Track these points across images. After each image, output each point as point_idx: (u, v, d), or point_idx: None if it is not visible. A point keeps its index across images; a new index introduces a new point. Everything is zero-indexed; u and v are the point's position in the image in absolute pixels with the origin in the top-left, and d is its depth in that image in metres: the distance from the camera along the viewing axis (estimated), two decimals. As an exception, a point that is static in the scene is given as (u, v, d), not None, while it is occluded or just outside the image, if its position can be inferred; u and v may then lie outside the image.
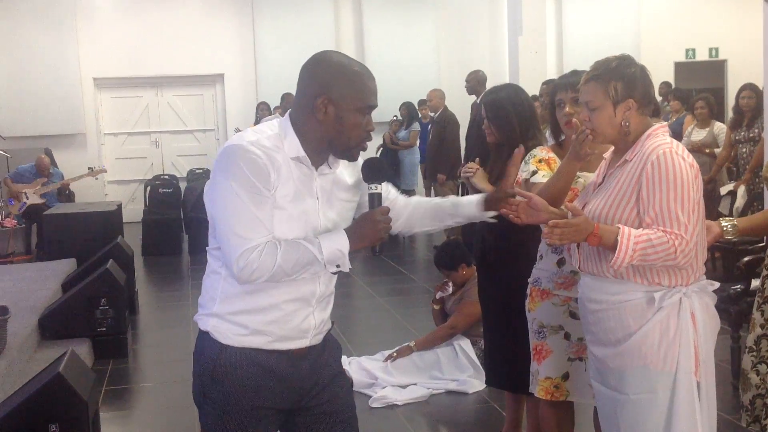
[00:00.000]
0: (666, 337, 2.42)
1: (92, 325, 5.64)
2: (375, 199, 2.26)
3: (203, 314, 2.26)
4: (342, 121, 2.16)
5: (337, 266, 2.15)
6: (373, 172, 2.26)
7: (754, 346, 2.77)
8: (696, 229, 2.41)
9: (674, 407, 2.42)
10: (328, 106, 2.15)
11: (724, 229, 2.77)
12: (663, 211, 2.38)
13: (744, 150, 7.57)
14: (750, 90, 7.59)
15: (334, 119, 2.16)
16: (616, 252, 2.35)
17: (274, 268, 2.07)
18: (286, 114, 2.27)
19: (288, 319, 2.20)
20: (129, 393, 5.16)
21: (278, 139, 2.16)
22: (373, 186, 2.25)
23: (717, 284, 2.52)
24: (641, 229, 2.40)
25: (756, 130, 7.46)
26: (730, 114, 9.13)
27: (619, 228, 2.38)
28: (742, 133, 7.56)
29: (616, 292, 2.50)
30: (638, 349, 2.45)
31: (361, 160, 2.29)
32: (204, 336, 2.24)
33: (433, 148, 9.63)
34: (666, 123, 2.68)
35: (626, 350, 2.47)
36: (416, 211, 2.48)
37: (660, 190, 2.40)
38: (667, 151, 2.44)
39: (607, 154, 2.76)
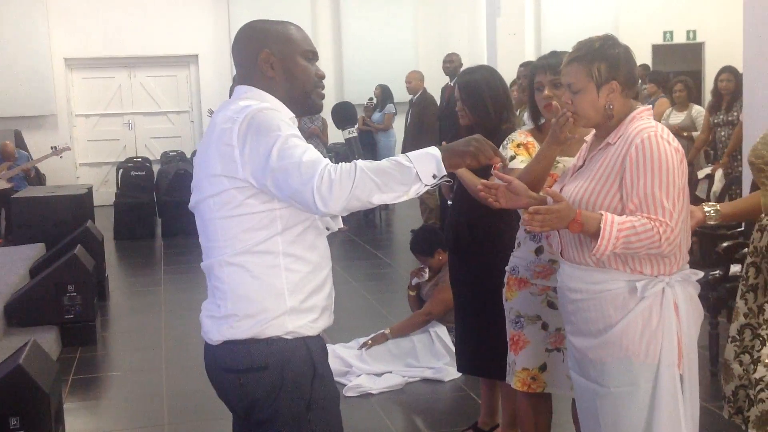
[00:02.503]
0: (648, 328, 2.34)
1: (60, 312, 5.50)
2: (353, 143, 2.23)
3: (270, 319, 2.05)
4: (291, 72, 2.15)
5: (434, 176, 1.98)
6: (343, 116, 2.27)
7: (737, 336, 2.70)
8: (681, 216, 2.32)
9: (656, 400, 2.34)
10: (273, 60, 2.14)
11: (707, 214, 2.68)
12: (647, 197, 2.29)
13: (723, 133, 7.53)
14: (729, 73, 7.54)
15: (282, 72, 2.15)
16: (599, 239, 2.25)
17: (355, 178, 1.92)
18: (247, 88, 2.17)
19: (331, 292, 2.22)
20: (97, 382, 5.03)
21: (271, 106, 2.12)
22: (347, 131, 2.23)
23: (701, 273, 2.43)
24: (624, 215, 2.31)
25: (734, 114, 7.41)
26: (707, 97, 9.09)
27: (602, 214, 2.29)
28: (721, 116, 7.52)
29: (597, 281, 2.40)
30: (619, 341, 2.36)
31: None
32: (277, 342, 2.06)
33: (412, 130, 9.47)
34: (650, 106, 2.59)
35: (607, 341, 2.38)
36: None
37: (644, 175, 2.30)
38: (651, 135, 2.34)
39: (588, 138, 2.66)
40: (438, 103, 9.41)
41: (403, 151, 9.57)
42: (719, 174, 7.06)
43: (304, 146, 1.99)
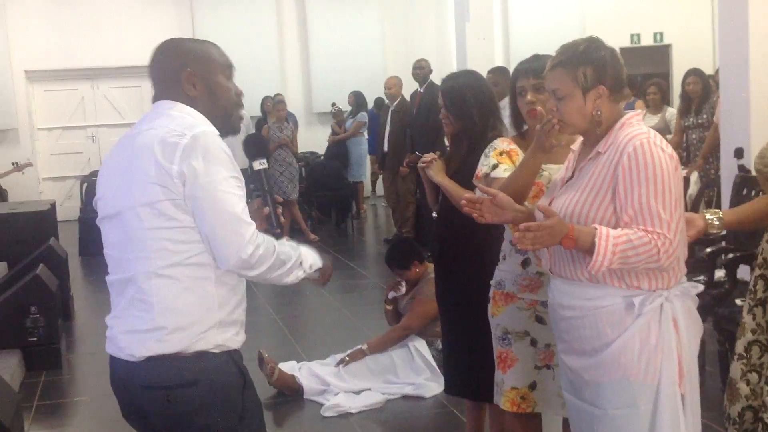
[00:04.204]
0: (647, 346, 2.21)
1: (22, 335, 5.28)
2: (263, 175, 2.32)
3: (199, 333, 2.04)
4: (212, 90, 2.18)
5: (310, 266, 2.20)
6: (255, 148, 2.40)
7: (744, 353, 2.55)
8: (679, 226, 2.20)
9: (657, 422, 2.21)
10: (195, 79, 2.16)
11: (709, 222, 2.54)
12: (642, 208, 2.17)
13: (694, 136, 7.50)
14: (695, 75, 7.52)
15: (205, 91, 2.18)
16: (594, 255, 2.12)
17: (272, 263, 2.07)
18: (171, 103, 2.17)
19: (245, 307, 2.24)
20: (63, 408, 4.81)
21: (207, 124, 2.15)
22: (257, 162, 2.32)
23: (701, 287, 2.31)
24: (619, 228, 2.18)
25: (704, 116, 7.39)
26: (676, 99, 9.07)
27: (596, 229, 2.16)
28: (691, 119, 7.49)
29: (591, 297, 2.27)
30: (617, 360, 2.23)
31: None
32: (206, 356, 2.06)
33: (394, 139, 9.14)
34: (639, 111, 2.47)
35: (603, 361, 2.25)
36: None
37: (638, 185, 2.18)
38: (644, 142, 2.22)
39: (575, 146, 2.53)
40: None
41: (388, 160, 9.30)
42: (694, 176, 7.02)
43: (240, 196, 2.04)
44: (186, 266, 2.04)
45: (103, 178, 2.22)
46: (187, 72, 2.15)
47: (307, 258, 2.20)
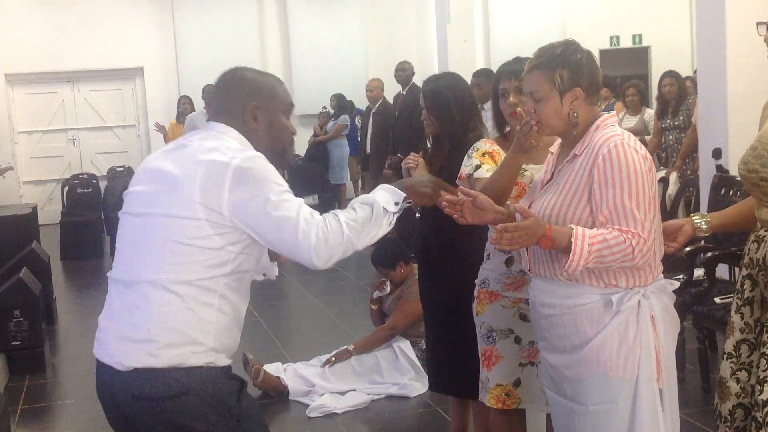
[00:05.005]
0: (625, 343, 2.27)
1: (6, 338, 5.26)
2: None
3: (197, 351, 2.06)
4: (272, 126, 2.25)
5: (396, 203, 2.19)
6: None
7: (733, 352, 2.59)
8: (653, 225, 2.25)
9: (636, 417, 2.27)
10: (258, 113, 2.22)
11: (697, 226, 2.60)
12: (617, 208, 2.22)
13: (671, 137, 7.59)
14: (671, 77, 7.60)
15: (265, 126, 2.24)
16: (570, 255, 2.17)
17: (344, 236, 2.07)
18: (226, 128, 2.20)
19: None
20: (47, 411, 4.81)
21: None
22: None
23: (677, 283, 2.37)
24: (595, 228, 2.23)
25: (681, 118, 7.48)
26: (654, 101, 9.17)
27: (572, 229, 2.21)
28: (668, 121, 7.58)
29: (570, 296, 2.32)
30: (596, 357, 2.28)
31: None
32: (196, 370, 2.06)
33: (376, 140, 9.21)
34: (614, 112, 2.52)
35: (583, 358, 2.31)
36: None
37: (613, 186, 2.23)
38: (618, 144, 2.27)
39: (554, 148, 2.58)
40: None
41: (368, 162, 9.38)
42: (674, 177, 7.10)
43: (297, 201, 2.08)
44: (194, 287, 2.05)
45: (143, 174, 2.21)
46: (252, 105, 2.22)
47: (389, 199, 2.18)
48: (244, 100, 2.21)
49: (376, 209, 2.13)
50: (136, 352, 2.04)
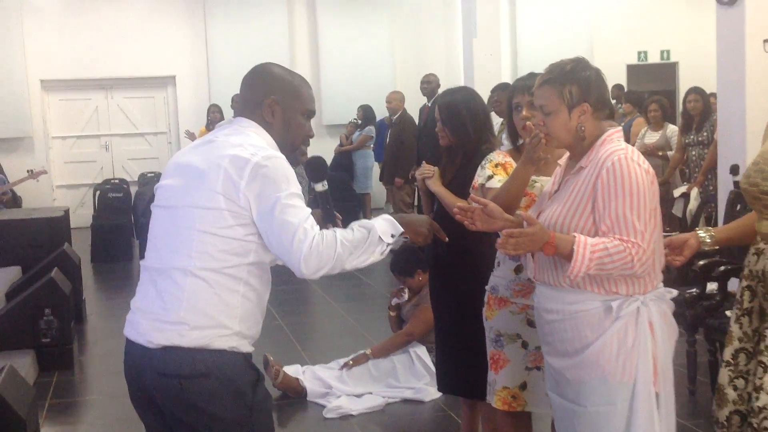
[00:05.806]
0: (624, 348, 2.37)
1: (36, 336, 5.44)
2: (322, 197, 2.44)
3: (223, 335, 2.18)
4: (288, 124, 2.33)
5: (392, 235, 2.25)
6: (316, 170, 2.47)
7: (731, 360, 2.68)
8: (653, 236, 2.36)
9: (633, 419, 2.37)
10: (275, 108, 2.30)
11: (702, 240, 2.70)
12: (619, 219, 2.33)
13: (694, 153, 7.63)
14: (696, 93, 7.64)
15: (281, 122, 2.32)
16: (573, 262, 2.28)
17: (336, 252, 2.14)
18: (250, 123, 2.31)
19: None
20: (74, 407, 4.97)
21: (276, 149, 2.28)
22: (319, 185, 2.44)
23: (675, 292, 2.47)
24: (597, 237, 2.34)
25: (705, 134, 7.51)
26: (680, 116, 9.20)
27: (575, 237, 2.32)
28: (692, 137, 7.62)
29: (572, 302, 2.43)
30: (596, 360, 2.39)
31: None
32: (220, 353, 2.18)
33: (391, 151, 9.51)
34: (620, 128, 2.63)
35: (584, 361, 2.41)
36: None
37: (615, 198, 2.34)
38: (622, 158, 2.38)
39: (562, 161, 2.70)
40: (416, 123, 9.47)
41: (385, 171, 9.55)
42: (695, 192, 7.14)
43: (304, 211, 2.15)
44: (221, 274, 2.16)
45: (172, 168, 2.34)
46: (271, 99, 2.30)
47: (386, 229, 2.24)
48: (265, 93, 2.30)
49: (372, 235, 2.20)
50: (165, 331, 2.17)
